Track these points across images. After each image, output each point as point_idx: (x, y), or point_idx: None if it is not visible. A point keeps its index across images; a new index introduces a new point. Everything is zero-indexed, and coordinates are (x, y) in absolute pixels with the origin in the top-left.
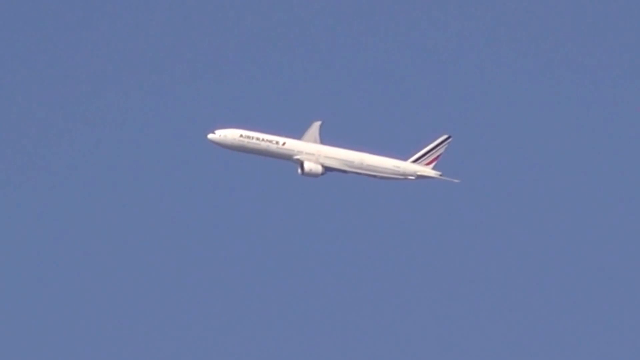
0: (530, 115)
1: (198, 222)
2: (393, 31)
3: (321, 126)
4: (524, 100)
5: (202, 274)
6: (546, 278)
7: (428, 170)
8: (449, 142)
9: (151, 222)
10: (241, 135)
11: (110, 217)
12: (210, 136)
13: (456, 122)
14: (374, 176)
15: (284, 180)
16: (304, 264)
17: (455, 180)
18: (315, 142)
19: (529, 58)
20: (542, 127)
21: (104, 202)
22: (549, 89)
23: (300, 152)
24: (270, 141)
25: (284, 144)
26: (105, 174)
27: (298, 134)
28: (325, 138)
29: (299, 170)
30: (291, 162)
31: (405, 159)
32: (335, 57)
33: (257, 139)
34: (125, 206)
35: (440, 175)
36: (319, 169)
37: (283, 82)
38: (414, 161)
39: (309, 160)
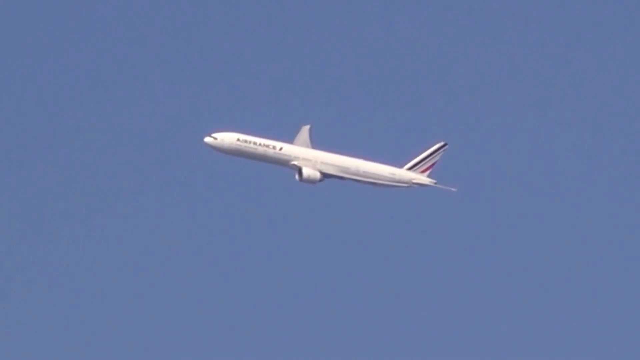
0: (526, 123)
1: (194, 228)
2: (389, 36)
3: (311, 130)
4: (521, 107)
5: (197, 279)
6: (543, 285)
7: (423, 178)
8: (444, 150)
9: (146, 227)
10: (238, 139)
11: (104, 220)
12: (206, 140)
13: (452, 129)
14: (374, 183)
15: (281, 186)
16: (300, 270)
17: (452, 189)
18: (307, 146)
19: (525, 64)
20: (538, 135)
21: (98, 204)
22: (545, 95)
23: (297, 158)
24: (268, 146)
25: (280, 149)
26: (99, 176)
27: (289, 140)
28: (320, 144)
29: (297, 177)
30: (287, 167)
31: (399, 166)
32: (331, 62)
33: (255, 143)
34: (119, 211)
35: (435, 183)
36: (317, 175)
37: (277, 87)
38: (409, 168)
39: (306, 166)
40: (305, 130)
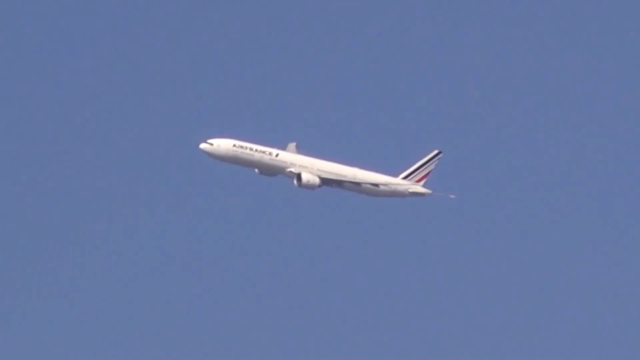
0: (521, 128)
1: (189, 235)
2: (382, 44)
3: (297, 146)
4: (515, 113)
5: (193, 285)
6: (542, 289)
7: (419, 188)
8: (439, 158)
9: (141, 234)
10: (234, 145)
11: (98, 227)
12: (202, 146)
13: (447, 137)
14: (375, 185)
15: (278, 194)
16: (297, 277)
17: (452, 196)
18: None
19: (520, 70)
20: (533, 139)
21: (92, 210)
22: (539, 100)
23: (293, 164)
24: (264, 152)
25: (277, 155)
26: (94, 182)
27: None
28: (314, 154)
29: (295, 182)
30: (283, 175)
31: (394, 175)
32: (325, 71)
33: (251, 149)
34: (114, 217)
35: (431, 193)
36: (316, 180)
37: (272, 95)
38: (404, 178)
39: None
40: (292, 147)
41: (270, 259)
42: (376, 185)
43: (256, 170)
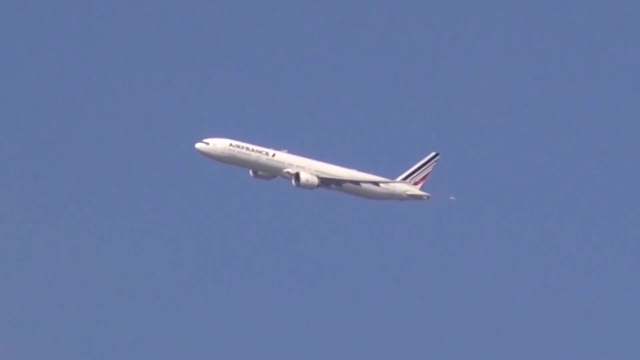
0: (518, 131)
1: (184, 236)
2: (380, 46)
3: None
4: (513, 114)
5: (187, 286)
6: (541, 295)
7: (417, 191)
8: (436, 160)
9: (137, 236)
10: (231, 145)
11: (93, 227)
12: (198, 145)
13: (444, 138)
14: (375, 183)
15: (275, 195)
16: (293, 280)
17: (451, 198)
18: None
19: (518, 72)
20: (531, 143)
21: (86, 209)
22: (537, 103)
23: (290, 165)
24: (260, 152)
25: (273, 155)
26: (89, 181)
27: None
28: (311, 155)
29: (294, 182)
30: (280, 176)
31: (391, 177)
32: (322, 74)
33: (247, 148)
34: (108, 217)
35: (429, 197)
36: (315, 180)
37: (268, 96)
38: (402, 180)
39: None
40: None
41: (267, 260)
42: (376, 183)
43: (250, 172)
